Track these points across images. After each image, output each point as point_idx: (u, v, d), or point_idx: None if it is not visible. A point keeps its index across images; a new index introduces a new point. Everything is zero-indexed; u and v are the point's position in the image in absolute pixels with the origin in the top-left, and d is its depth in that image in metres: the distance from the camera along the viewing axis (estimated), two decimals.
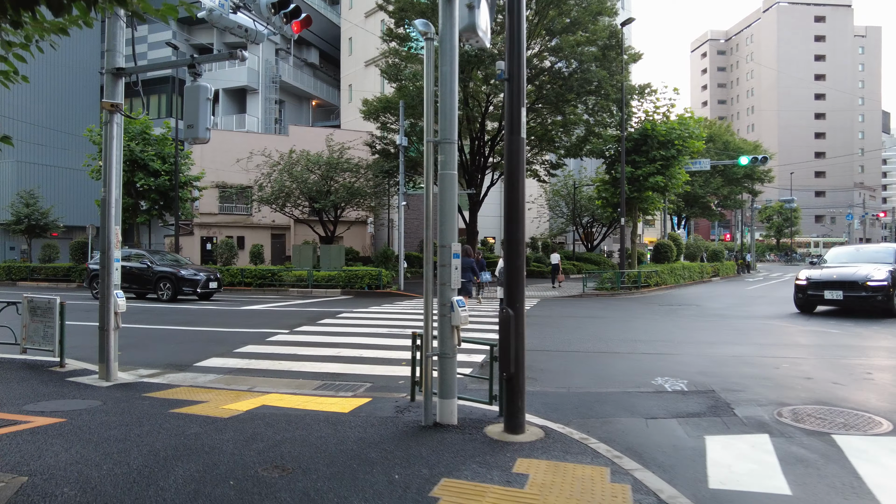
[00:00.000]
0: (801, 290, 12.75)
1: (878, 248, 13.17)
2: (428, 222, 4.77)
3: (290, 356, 7.96)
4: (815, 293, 12.38)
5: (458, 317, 4.59)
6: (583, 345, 8.85)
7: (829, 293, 12.06)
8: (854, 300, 11.78)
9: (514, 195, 4.54)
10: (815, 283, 12.41)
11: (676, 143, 21.18)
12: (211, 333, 10.17)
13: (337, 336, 9.59)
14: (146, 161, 22.48)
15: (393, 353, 8.07)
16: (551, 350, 8.40)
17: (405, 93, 21.60)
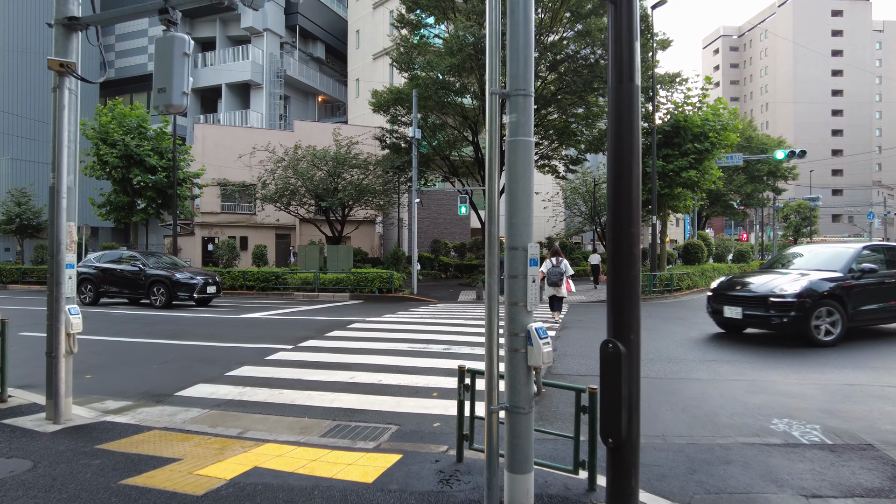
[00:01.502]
0: (709, 301, 9.99)
1: (836, 251, 9.88)
2: (492, 212, 3.29)
3: (294, 382, 6.49)
4: (717, 307, 9.60)
5: (537, 353, 3.11)
6: (649, 366, 7.35)
7: (729, 310, 9.23)
8: (754, 320, 8.98)
9: (623, 171, 3.06)
10: (718, 294, 9.66)
11: (711, 136, 19.63)
12: (202, 350, 8.72)
13: (349, 354, 8.12)
14: (142, 157, 21.14)
15: (420, 378, 6.58)
16: None
17: (418, 82, 20.12)
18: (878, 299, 9.07)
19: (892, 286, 9.24)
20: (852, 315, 8.69)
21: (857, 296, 8.81)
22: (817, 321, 8.47)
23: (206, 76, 38.10)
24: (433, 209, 31.88)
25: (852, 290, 8.77)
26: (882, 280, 9.16)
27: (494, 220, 3.26)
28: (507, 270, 3.21)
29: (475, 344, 8.79)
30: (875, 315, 9.16)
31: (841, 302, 8.57)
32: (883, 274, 9.24)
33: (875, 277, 9.06)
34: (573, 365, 7.42)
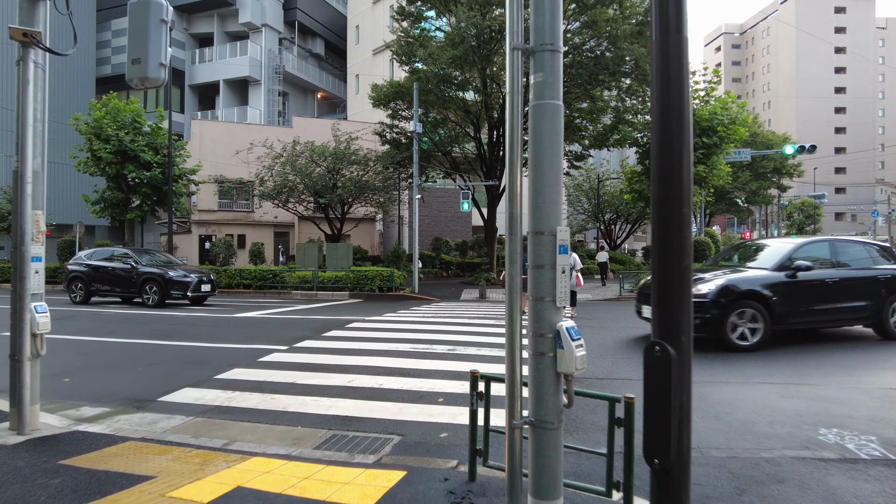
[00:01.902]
0: (636, 301, 9.42)
1: (773, 248, 8.80)
2: (514, 190, 2.79)
3: (287, 387, 6.00)
4: (638, 307, 9.06)
5: (569, 358, 2.62)
6: None
7: (646, 309, 8.48)
8: None
9: (672, 140, 2.57)
10: (641, 293, 9.09)
11: (719, 130, 19.10)
12: (192, 351, 8.23)
13: (348, 355, 7.62)
14: (137, 152, 20.63)
15: (424, 382, 6.09)
16: (635, 379, 6.40)
17: (419, 76, 19.61)
18: (818, 300, 8.13)
19: (837, 286, 8.27)
20: (782, 317, 7.83)
21: (789, 296, 7.88)
22: (735, 323, 7.69)
23: (203, 72, 37.60)
24: (434, 207, 31.38)
25: (781, 289, 7.85)
26: (822, 279, 8.16)
27: (516, 200, 2.76)
28: (532, 259, 2.72)
29: (482, 344, 8.30)
30: (814, 318, 8.23)
31: (764, 302, 7.71)
32: (822, 274, 8.21)
33: (812, 276, 8.04)
34: (592, 366, 6.92)
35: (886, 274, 8.61)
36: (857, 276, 8.50)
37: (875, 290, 8.46)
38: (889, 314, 8.50)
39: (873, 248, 9.07)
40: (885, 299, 8.45)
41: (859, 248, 9.02)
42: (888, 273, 8.62)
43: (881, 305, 8.43)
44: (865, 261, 8.73)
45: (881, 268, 8.69)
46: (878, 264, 8.74)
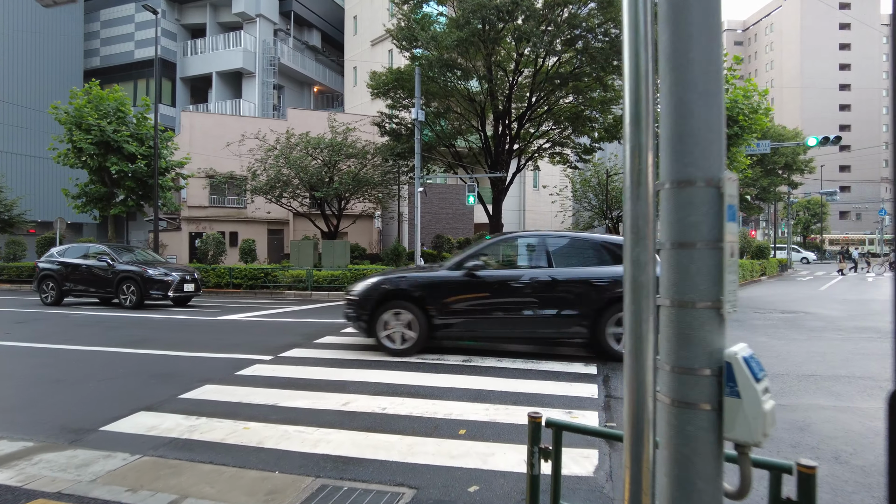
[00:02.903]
0: None
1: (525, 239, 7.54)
2: (640, 110, 1.56)
3: (267, 411, 4.78)
4: None
5: (752, 414, 1.41)
6: None
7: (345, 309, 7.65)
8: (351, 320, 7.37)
9: None
10: None
11: (741, 119, 17.94)
12: (161, 362, 7.00)
13: (343, 367, 6.40)
14: (120, 143, 19.38)
15: (438, 405, 4.87)
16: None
17: (420, 62, 18.39)
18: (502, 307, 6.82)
19: (538, 290, 6.76)
20: (436, 317, 6.84)
21: (439, 296, 6.85)
22: (385, 324, 6.96)
23: (195, 64, 36.34)
24: (435, 203, 30.16)
25: (434, 288, 6.90)
26: (506, 280, 6.83)
27: (644, 127, 1.55)
28: (670, 232, 1.52)
29: (501, 354, 7.08)
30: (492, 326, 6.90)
31: (417, 302, 6.86)
32: (503, 275, 6.91)
33: (498, 277, 6.86)
34: None
35: (605, 277, 6.65)
36: (565, 279, 6.72)
37: (593, 296, 6.60)
38: (607, 327, 6.56)
39: (599, 247, 7.02)
40: (604, 309, 6.55)
41: (581, 246, 7.16)
42: (608, 276, 6.65)
43: (596, 316, 6.56)
44: (585, 261, 6.91)
45: (599, 270, 6.75)
46: (603, 265, 6.80)
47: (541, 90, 19.90)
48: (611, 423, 4.36)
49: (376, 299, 6.98)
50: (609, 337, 6.57)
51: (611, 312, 6.53)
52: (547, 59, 19.32)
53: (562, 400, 4.98)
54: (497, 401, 4.94)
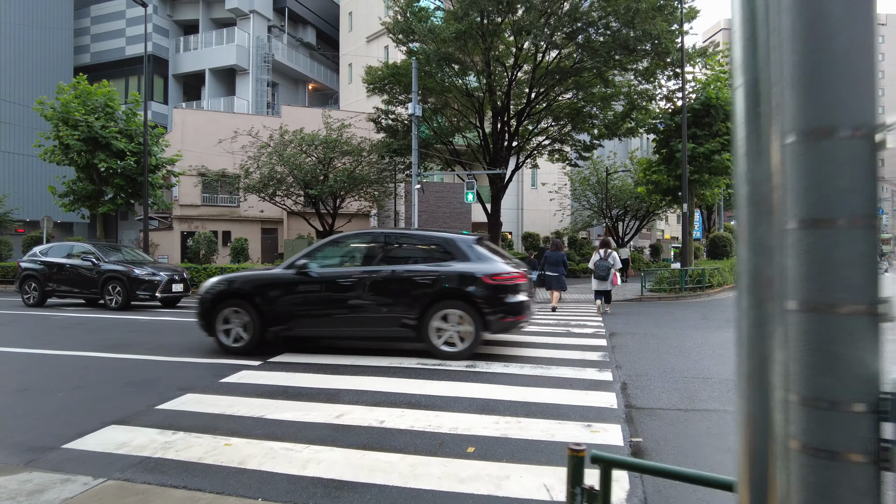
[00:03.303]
0: None
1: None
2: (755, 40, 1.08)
3: (251, 424, 4.31)
4: None
5: None
6: None
7: None
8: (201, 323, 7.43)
9: None
10: None
11: None
12: (141, 367, 6.51)
13: (336, 374, 5.93)
14: (109, 139, 18.83)
15: (442, 417, 4.40)
16: (720, 409, 4.73)
17: (417, 56, 17.92)
18: (334, 305, 6.74)
19: (368, 288, 6.64)
20: (280, 319, 6.79)
21: (271, 295, 6.81)
22: (225, 321, 6.98)
23: (188, 61, 35.76)
24: (432, 202, 29.68)
25: (267, 287, 6.83)
26: (336, 279, 6.77)
27: (765, 50, 1.07)
28: (797, 206, 1.04)
29: (507, 358, 6.61)
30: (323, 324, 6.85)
31: (251, 301, 6.78)
32: (333, 274, 6.82)
33: (329, 275, 6.80)
34: (661, 391, 5.25)
35: (430, 274, 6.50)
36: (391, 277, 6.62)
37: (415, 293, 6.47)
38: (430, 324, 6.43)
39: (434, 243, 6.92)
40: (429, 306, 6.40)
41: (416, 243, 7.11)
42: (433, 273, 6.51)
43: (421, 313, 6.41)
44: (419, 258, 6.81)
45: (424, 267, 6.62)
46: (435, 262, 6.65)
47: (540, 85, 19.45)
48: (636, 438, 3.90)
49: (213, 298, 7.02)
50: (432, 334, 6.45)
51: (434, 310, 6.42)
52: (547, 53, 18.88)
53: (578, 411, 4.52)
54: (507, 412, 4.47)
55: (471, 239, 6.80)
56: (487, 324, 6.34)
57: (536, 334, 8.43)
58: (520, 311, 6.49)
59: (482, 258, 6.55)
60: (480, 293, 6.32)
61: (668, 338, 8.23)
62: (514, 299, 6.43)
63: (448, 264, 6.55)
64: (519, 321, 6.59)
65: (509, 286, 6.43)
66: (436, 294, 6.40)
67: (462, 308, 6.35)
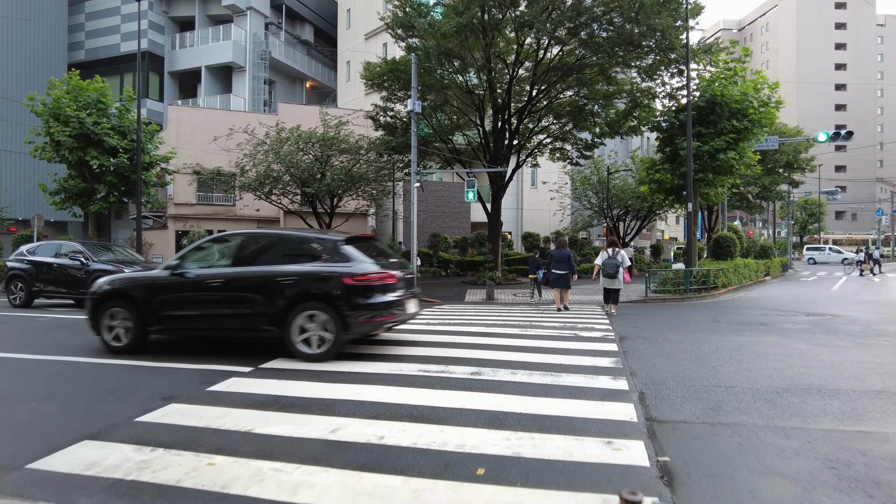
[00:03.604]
0: None
1: None
2: None
3: (238, 440, 3.92)
4: None
5: None
6: (823, 409, 4.83)
7: None
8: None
9: None
10: None
11: (751, 113, 17.22)
12: (123, 373, 6.12)
13: (332, 382, 5.54)
14: (101, 136, 18.37)
15: (447, 431, 4.01)
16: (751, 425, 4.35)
17: (417, 52, 17.53)
18: (207, 304, 6.75)
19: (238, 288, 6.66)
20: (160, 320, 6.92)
21: (149, 295, 6.98)
22: (110, 319, 7.11)
23: (184, 58, 35.31)
24: (431, 202, 29.31)
25: (145, 288, 7.08)
26: (207, 279, 6.77)
27: None
28: None
29: (515, 365, 6.23)
30: (204, 323, 6.85)
31: (132, 301, 7.00)
32: (205, 274, 6.82)
33: (203, 275, 6.83)
34: (682, 401, 4.87)
35: (293, 275, 6.47)
36: (254, 277, 6.63)
37: (279, 294, 6.43)
38: (292, 325, 6.38)
39: (301, 244, 6.97)
40: (291, 307, 6.36)
41: (284, 244, 7.04)
42: (295, 274, 6.47)
43: (284, 314, 6.38)
44: (287, 259, 6.76)
45: (288, 268, 6.57)
46: (305, 263, 6.62)
47: (542, 82, 19.09)
48: (662, 457, 3.52)
49: (99, 298, 7.18)
50: (295, 335, 6.40)
51: (297, 311, 6.37)
52: (549, 49, 18.52)
53: (595, 424, 4.14)
54: (518, 426, 4.09)
55: (339, 239, 6.76)
56: (347, 325, 6.28)
57: (543, 338, 8.05)
58: (383, 312, 6.46)
59: (348, 258, 6.52)
60: (339, 294, 6.26)
61: (681, 342, 7.84)
62: (376, 300, 6.39)
63: (312, 265, 6.56)
64: (383, 322, 6.56)
65: (371, 286, 6.37)
66: (297, 295, 6.38)
67: (322, 309, 6.30)
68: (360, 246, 6.83)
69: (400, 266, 7.20)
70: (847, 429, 4.07)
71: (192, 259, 7.10)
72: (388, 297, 6.51)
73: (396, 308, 6.65)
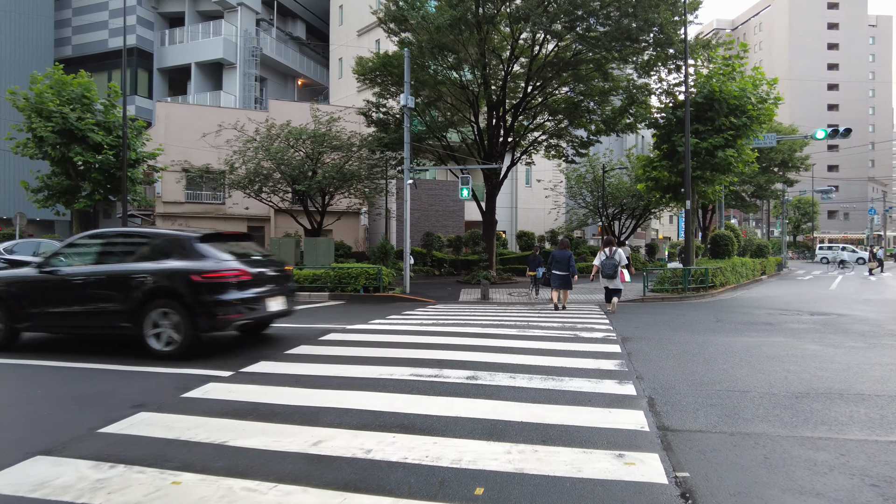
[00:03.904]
0: None
1: None
2: None
3: (210, 453, 3.53)
4: None
5: None
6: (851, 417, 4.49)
7: None
8: None
9: None
10: None
11: (749, 109, 16.93)
12: (93, 378, 5.71)
13: (316, 388, 5.15)
14: (85, 131, 17.88)
15: (440, 444, 3.63)
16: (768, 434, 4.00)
17: (410, 47, 17.14)
18: (71, 301, 6.78)
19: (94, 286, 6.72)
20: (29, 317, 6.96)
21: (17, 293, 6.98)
22: None
23: (173, 54, 34.74)
24: (424, 200, 28.92)
25: (12, 285, 7.07)
26: (68, 277, 6.81)
27: None
28: None
29: (513, 368, 5.86)
30: (69, 321, 6.90)
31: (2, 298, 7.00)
32: (67, 273, 6.85)
33: (56, 271, 6.89)
34: (696, 408, 4.51)
35: (145, 272, 6.50)
36: (109, 275, 6.71)
37: (133, 291, 6.46)
38: (147, 324, 6.40)
39: (159, 242, 6.89)
40: (143, 304, 6.41)
41: (141, 242, 7.14)
42: (146, 271, 6.50)
43: (138, 312, 6.41)
44: (145, 257, 6.78)
45: (141, 266, 6.63)
46: (159, 260, 6.62)
47: (537, 78, 18.74)
48: (681, 473, 3.16)
49: None
50: (147, 331, 6.42)
51: (149, 308, 6.40)
52: (545, 45, 18.18)
53: (604, 435, 3.77)
54: (519, 437, 3.72)
55: (195, 236, 6.78)
56: (196, 323, 6.30)
57: (542, 339, 7.68)
58: (234, 310, 6.47)
59: (202, 255, 6.55)
60: (188, 291, 6.30)
61: (686, 343, 7.49)
62: (226, 297, 6.38)
63: (165, 262, 6.58)
64: (233, 319, 6.53)
65: (220, 283, 6.36)
66: (150, 292, 6.43)
67: (173, 307, 6.33)
68: (218, 243, 6.93)
69: (267, 264, 7.30)
70: (881, 439, 3.73)
71: (62, 256, 7.11)
72: (242, 295, 6.53)
73: (251, 305, 6.68)
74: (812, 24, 77.98)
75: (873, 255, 28.92)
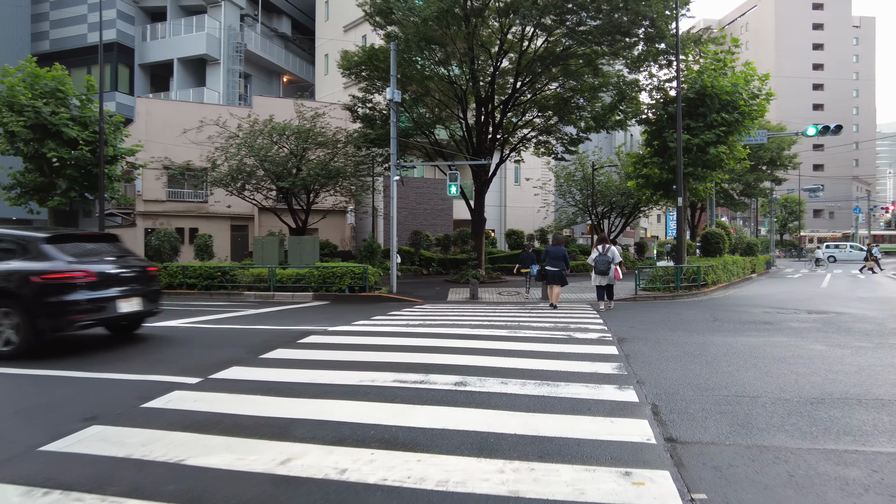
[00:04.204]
0: None
1: None
2: None
3: (162, 474, 3.09)
4: None
5: None
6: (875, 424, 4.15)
7: None
8: None
9: None
10: None
11: (741, 105, 16.71)
12: (48, 386, 5.22)
13: (291, 396, 4.72)
14: (59, 126, 17.21)
15: (426, 462, 3.22)
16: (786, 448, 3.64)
17: (397, 37, 16.70)
18: None
19: None
20: None
21: None
22: None
23: (155, 50, 33.94)
24: (412, 198, 28.48)
25: None
26: None
27: None
28: None
29: (504, 372, 5.46)
30: None
31: None
32: None
33: None
34: (705, 416, 4.14)
35: None
36: None
37: None
38: None
39: (8, 240, 6.82)
40: None
41: None
42: None
43: None
44: None
45: None
46: (11, 260, 6.57)
47: (527, 73, 18.38)
48: (698, 495, 2.78)
49: None
50: None
51: None
52: (534, 39, 17.83)
53: (607, 449, 3.39)
54: (514, 454, 3.32)
55: (40, 237, 6.71)
56: (36, 324, 6.26)
57: (534, 340, 7.30)
58: (75, 311, 6.40)
59: (46, 257, 6.48)
60: (27, 292, 6.27)
61: (685, 344, 7.14)
62: (68, 298, 6.32)
63: (7, 263, 6.52)
64: (75, 321, 6.45)
65: (61, 285, 6.30)
66: None
67: (13, 307, 6.26)
68: (68, 244, 6.86)
69: (123, 265, 7.20)
70: None
71: None
72: (86, 296, 6.46)
73: (97, 306, 6.61)
74: (798, 24, 78.55)
75: (869, 252, 28.85)
